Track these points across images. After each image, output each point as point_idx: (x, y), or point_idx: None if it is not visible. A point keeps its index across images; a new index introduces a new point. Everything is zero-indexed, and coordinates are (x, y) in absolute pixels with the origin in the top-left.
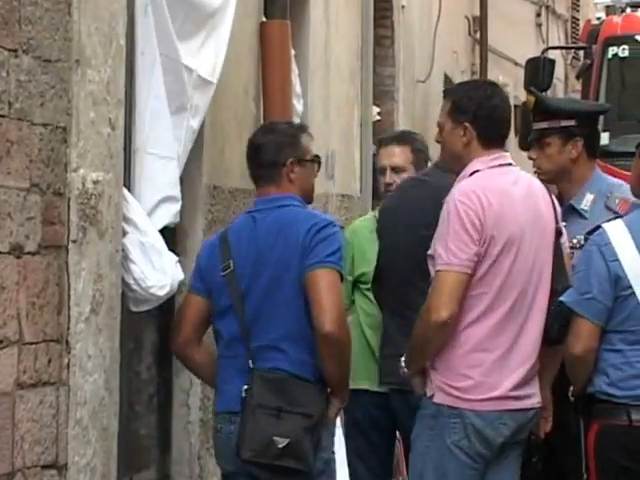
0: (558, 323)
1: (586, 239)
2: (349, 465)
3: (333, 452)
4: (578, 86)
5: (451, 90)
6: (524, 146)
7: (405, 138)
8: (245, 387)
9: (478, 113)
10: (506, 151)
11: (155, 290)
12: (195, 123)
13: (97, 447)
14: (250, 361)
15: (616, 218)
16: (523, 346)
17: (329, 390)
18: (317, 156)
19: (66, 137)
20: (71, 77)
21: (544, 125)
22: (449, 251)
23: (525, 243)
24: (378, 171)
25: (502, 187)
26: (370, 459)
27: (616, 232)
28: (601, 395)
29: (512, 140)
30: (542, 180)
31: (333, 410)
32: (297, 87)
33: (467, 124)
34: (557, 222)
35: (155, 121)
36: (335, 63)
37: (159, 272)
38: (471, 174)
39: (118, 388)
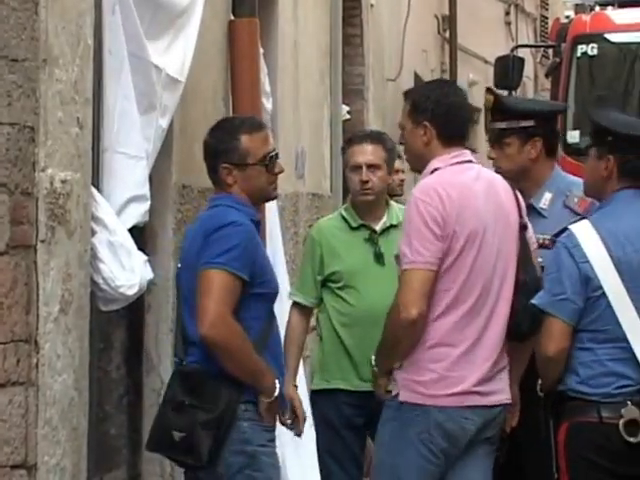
0: (529, 318)
1: (553, 241)
2: (322, 464)
3: (264, 445)
4: (548, 84)
5: (410, 91)
6: None
7: (378, 137)
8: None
9: (436, 111)
10: (467, 148)
11: (124, 289)
12: (164, 122)
13: (67, 447)
14: (179, 356)
15: (582, 219)
16: (488, 340)
17: None
18: (267, 156)
19: (34, 137)
20: (39, 76)
21: (503, 125)
22: (414, 249)
23: (488, 237)
24: (350, 169)
25: (463, 182)
26: (343, 458)
27: (584, 233)
28: (572, 393)
29: (483, 137)
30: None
31: (261, 405)
32: (266, 86)
33: (426, 123)
34: (521, 216)
35: (124, 120)
36: (304, 62)
37: (128, 271)
38: (432, 172)
39: (88, 388)
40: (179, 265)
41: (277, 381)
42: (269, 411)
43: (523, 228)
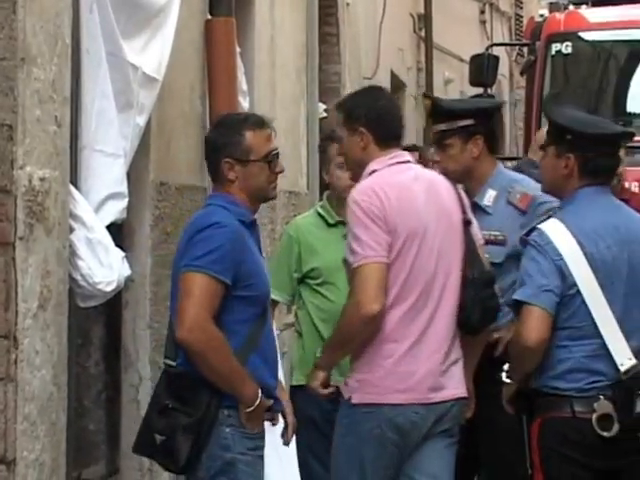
0: (479, 311)
1: (523, 241)
2: (302, 460)
3: (244, 453)
4: (523, 82)
5: (341, 102)
6: None
7: None
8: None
9: (369, 116)
10: (404, 149)
11: (102, 286)
12: (141, 120)
13: (46, 442)
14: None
15: (548, 218)
16: (434, 335)
17: None
18: (269, 154)
19: (12, 135)
20: (17, 75)
21: (443, 127)
22: (365, 245)
23: (429, 236)
24: (337, 165)
25: (401, 183)
26: (324, 454)
27: (555, 231)
28: (545, 389)
29: None
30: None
31: (241, 415)
32: (243, 84)
33: (362, 129)
34: (464, 212)
35: (101, 118)
36: (281, 60)
37: (106, 268)
38: (370, 174)
39: (66, 383)
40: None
41: (260, 391)
42: (249, 420)
43: (467, 224)
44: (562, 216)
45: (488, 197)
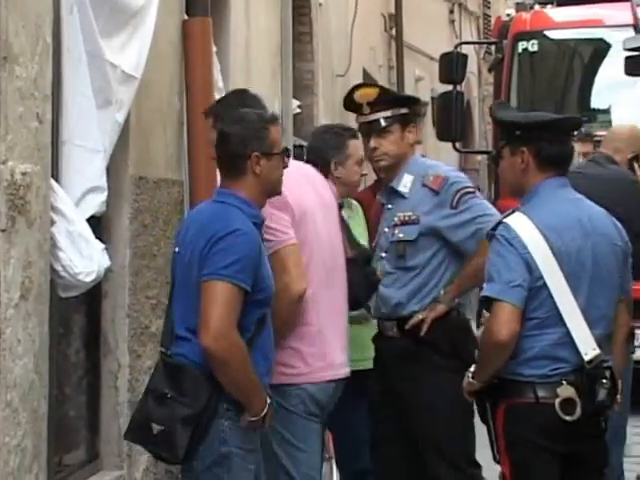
0: (365, 290)
1: (489, 235)
2: None
3: (240, 447)
4: (491, 79)
5: (209, 108)
6: (441, 136)
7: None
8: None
9: None
10: None
11: (82, 277)
12: (120, 117)
13: (27, 428)
14: (164, 345)
15: (512, 212)
16: (337, 315)
17: None
18: (287, 149)
19: None
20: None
21: (388, 113)
22: (276, 231)
23: (318, 220)
24: (356, 162)
25: (287, 172)
26: None
27: (520, 224)
28: (510, 376)
29: (431, 131)
30: (383, 167)
31: (242, 420)
32: (219, 82)
33: None
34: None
35: (81, 115)
36: (256, 58)
37: (86, 259)
38: None
39: (48, 371)
40: (176, 250)
41: (267, 400)
42: (250, 425)
43: (340, 208)
44: (526, 210)
45: (405, 182)
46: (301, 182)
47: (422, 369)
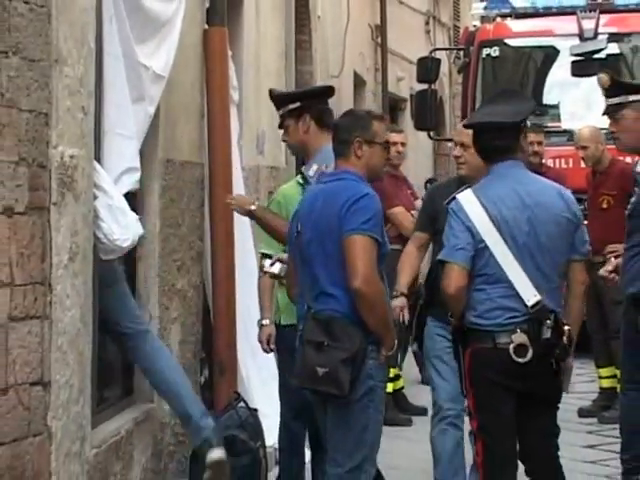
0: None
1: (447, 209)
2: (283, 384)
3: (381, 381)
4: (459, 79)
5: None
6: (418, 127)
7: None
8: (301, 326)
9: None
10: None
11: (120, 243)
12: (151, 109)
13: (75, 368)
14: (307, 305)
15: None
16: None
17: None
18: (387, 142)
19: (47, 121)
20: (51, 73)
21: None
22: None
23: None
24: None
25: None
26: None
27: (466, 199)
28: (472, 325)
29: (409, 122)
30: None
31: (381, 357)
32: (234, 80)
33: None
34: None
35: (119, 108)
36: (264, 62)
37: (123, 228)
38: None
39: (91, 321)
40: (298, 229)
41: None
42: (384, 362)
43: None
44: (476, 188)
45: (312, 169)
46: None
47: None
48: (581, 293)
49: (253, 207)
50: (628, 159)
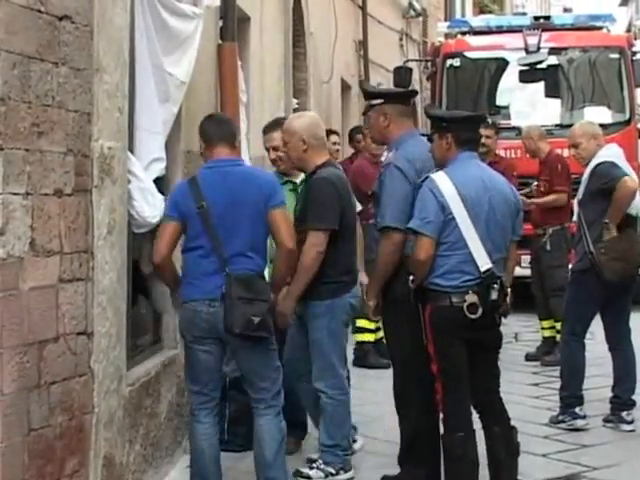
0: None
1: (418, 185)
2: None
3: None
4: (428, 85)
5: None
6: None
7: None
8: (223, 285)
9: None
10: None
11: (149, 219)
12: (175, 109)
13: (113, 321)
14: (224, 266)
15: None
16: None
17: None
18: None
19: (90, 119)
20: (93, 80)
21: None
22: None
23: None
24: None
25: None
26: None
27: (440, 179)
28: (432, 286)
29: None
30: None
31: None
32: (242, 85)
33: None
34: None
35: (149, 109)
36: (267, 70)
37: (152, 207)
38: None
39: (126, 282)
40: (202, 204)
41: None
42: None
43: None
44: (446, 170)
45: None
46: None
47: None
48: (513, 265)
49: None
50: (558, 150)
